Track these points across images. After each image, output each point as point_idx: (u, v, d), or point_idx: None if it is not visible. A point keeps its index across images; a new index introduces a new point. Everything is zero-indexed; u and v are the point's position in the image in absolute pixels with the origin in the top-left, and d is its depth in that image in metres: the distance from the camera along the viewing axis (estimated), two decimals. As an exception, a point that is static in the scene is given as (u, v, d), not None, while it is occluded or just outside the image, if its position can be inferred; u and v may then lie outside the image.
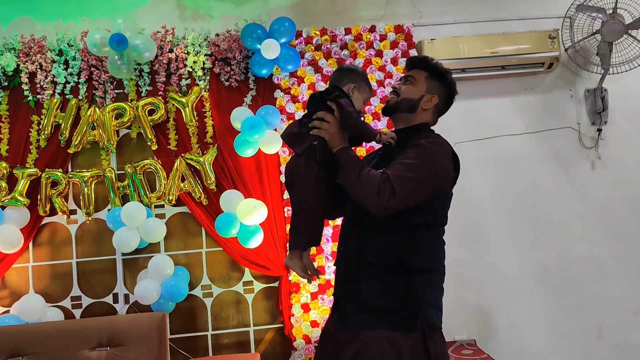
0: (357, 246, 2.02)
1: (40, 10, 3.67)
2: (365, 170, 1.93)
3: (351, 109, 2.01)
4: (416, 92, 2.08)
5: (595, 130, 3.88)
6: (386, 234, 1.96)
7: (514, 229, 3.83)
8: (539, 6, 3.87)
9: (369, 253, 1.98)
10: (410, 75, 2.12)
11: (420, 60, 2.14)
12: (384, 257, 1.95)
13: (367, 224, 2.00)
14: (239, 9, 3.78)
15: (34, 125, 3.53)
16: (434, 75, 2.09)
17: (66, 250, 3.61)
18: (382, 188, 1.86)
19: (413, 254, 1.95)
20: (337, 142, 1.99)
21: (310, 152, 2.01)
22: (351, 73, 2.12)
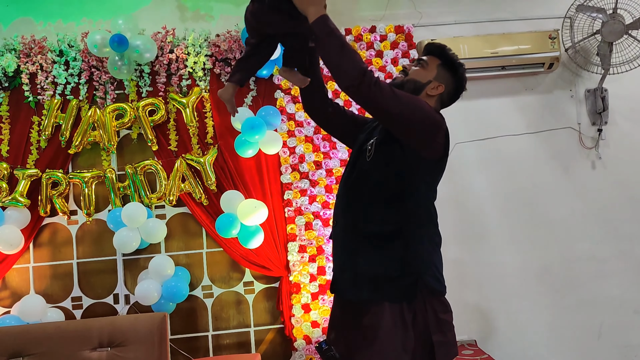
0: (351, 218, 2.02)
1: (40, 11, 3.67)
2: (349, 45, 1.86)
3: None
4: (424, 76, 2.07)
5: (595, 131, 3.88)
6: (379, 204, 1.97)
7: (514, 228, 3.83)
8: (539, 6, 3.88)
9: (363, 224, 1.99)
10: (423, 59, 2.10)
11: (437, 47, 2.11)
12: (379, 227, 1.96)
13: (360, 195, 2.01)
14: (240, 9, 3.75)
15: (34, 126, 3.53)
16: (447, 65, 2.09)
17: (67, 250, 3.61)
18: (369, 72, 1.82)
19: (408, 222, 1.96)
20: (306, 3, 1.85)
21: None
22: None
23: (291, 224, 3.62)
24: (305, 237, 3.61)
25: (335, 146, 3.69)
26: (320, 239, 3.62)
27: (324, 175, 3.67)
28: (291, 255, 3.59)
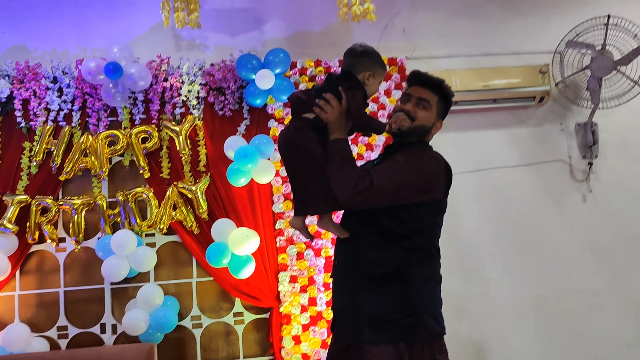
0: (353, 258, 2.02)
1: (36, 38, 3.69)
2: (350, 163, 1.95)
3: (362, 107, 2.02)
4: (430, 119, 2.09)
5: (586, 164, 3.91)
6: (382, 245, 1.97)
7: (507, 260, 3.82)
8: (530, 41, 3.94)
9: (365, 264, 1.98)
10: (425, 100, 2.09)
11: (437, 83, 2.11)
12: (381, 267, 1.96)
13: (362, 235, 2.01)
14: (235, 40, 3.82)
15: (25, 152, 3.51)
16: (443, 100, 2.11)
17: (54, 278, 3.56)
18: (360, 181, 1.88)
19: (409, 264, 1.96)
20: (334, 129, 1.99)
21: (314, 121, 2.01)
22: (365, 58, 2.07)
23: (282, 254, 3.59)
24: (296, 267, 3.58)
25: (327, 176, 3.68)
26: (311, 269, 3.59)
27: (316, 205, 3.66)
28: (282, 285, 3.55)
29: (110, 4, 3.76)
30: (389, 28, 3.86)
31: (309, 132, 2.00)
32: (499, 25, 3.95)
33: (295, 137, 2.02)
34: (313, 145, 1.98)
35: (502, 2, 3.97)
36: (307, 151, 1.99)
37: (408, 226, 1.97)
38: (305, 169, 2.01)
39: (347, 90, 2.00)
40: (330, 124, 1.99)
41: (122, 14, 3.74)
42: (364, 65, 2.05)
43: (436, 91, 2.10)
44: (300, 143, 2.00)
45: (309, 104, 2.03)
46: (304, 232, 2.14)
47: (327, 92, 2.01)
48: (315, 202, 2.01)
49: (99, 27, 3.71)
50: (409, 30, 3.89)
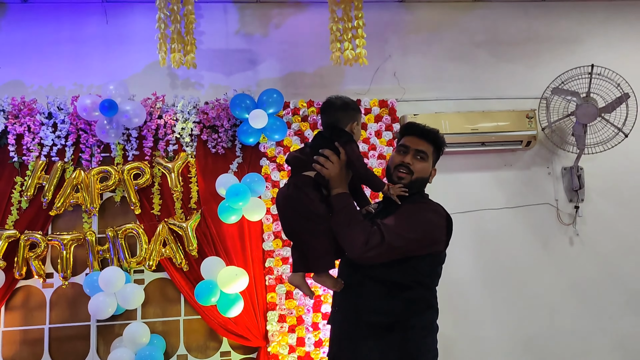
0: (355, 306, 2.02)
1: (32, 74, 3.73)
2: (356, 218, 1.98)
3: (361, 158, 2.08)
4: (427, 170, 2.14)
5: (572, 207, 3.98)
6: (384, 295, 1.98)
7: (495, 302, 3.84)
8: (518, 87, 4.05)
9: (367, 313, 1.99)
10: (423, 152, 2.12)
11: (434, 135, 2.15)
12: (382, 317, 1.96)
13: (362, 283, 2.02)
14: (229, 79, 3.89)
15: (16, 187, 3.51)
16: (437, 149, 2.17)
17: (40, 315, 3.51)
18: (371, 237, 1.92)
19: (410, 314, 1.97)
20: (336, 184, 2.03)
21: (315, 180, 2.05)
22: (348, 110, 2.14)
23: (271, 293, 3.58)
24: (285, 306, 3.57)
25: (318, 215, 3.71)
26: (300, 308, 3.57)
27: (306, 244, 3.67)
28: (270, 324, 3.53)
29: (108, 42, 3.82)
30: (380, 71, 3.96)
31: (310, 190, 2.03)
32: (487, 71, 4.07)
33: (296, 195, 2.05)
34: (315, 203, 2.02)
35: (490, 49, 4.09)
36: (308, 209, 2.02)
37: (410, 277, 1.99)
38: (305, 226, 2.04)
39: (345, 145, 2.06)
40: (331, 179, 2.03)
41: (119, 52, 3.80)
42: (349, 117, 2.13)
43: (432, 142, 2.15)
44: (302, 201, 2.03)
45: (307, 162, 2.08)
46: (305, 288, 2.16)
47: (323, 149, 2.06)
48: (316, 260, 2.04)
49: (96, 64, 3.77)
50: (399, 74, 3.99)
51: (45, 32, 3.78)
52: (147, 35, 3.52)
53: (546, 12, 4.15)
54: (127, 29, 3.84)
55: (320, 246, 2.01)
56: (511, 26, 4.13)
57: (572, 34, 4.15)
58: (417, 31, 4.07)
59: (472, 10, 4.11)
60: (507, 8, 4.13)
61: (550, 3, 4.16)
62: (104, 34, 3.82)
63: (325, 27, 3.34)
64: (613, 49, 4.11)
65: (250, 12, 3.97)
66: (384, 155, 3.79)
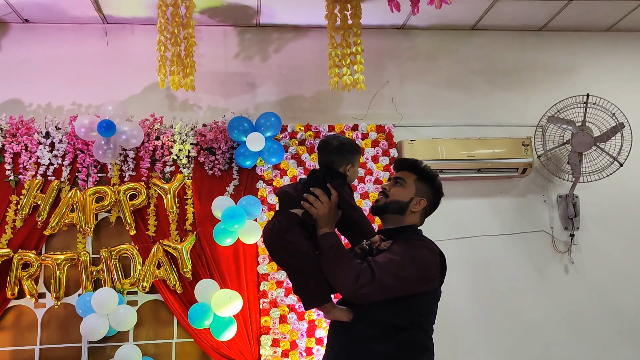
0: (347, 347, 2.00)
1: (31, 93, 3.74)
2: (346, 256, 1.97)
3: (352, 201, 2.08)
4: (405, 195, 2.12)
5: (568, 235, 3.98)
6: (379, 337, 1.95)
7: (490, 329, 3.82)
8: (514, 115, 4.09)
9: (358, 355, 1.96)
10: (401, 178, 2.15)
11: (410, 163, 2.19)
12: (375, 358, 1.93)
13: (356, 325, 2.00)
14: (227, 102, 3.91)
15: (11, 205, 3.50)
16: (423, 178, 2.15)
17: (30, 335, 3.48)
18: (362, 275, 1.90)
19: (403, 357, 1.94)
20: (323, 224, 2.03)
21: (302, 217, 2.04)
22: (343, 152, 2.15)
23: (265, 316, 3.56)
24: (279, 330, 3.54)
25: (313, 239, 3.70)
26: (294, 333, 3.55)
27: (301, 268, 3.66)
28: (264, 349, 3.50)
29: (107, 63, 3.84)
30: (377, 97, 3.99)
31: (295, 228, 2.04)
32: (484, 98, 4.10)
33: (281, 233, 2.05)
34: (299, 241, 2.02)
35: (486, 77, 4.14)
36: (293, 247, 2.02)
37: (404, 318, 1.97)
38: (291, 264, 2.05)
39: (337, 187, 2.07)
40: (319, 219, 2.03)
41: (119, 73, 3.82)
42: (344, 159, 2.15)
43: (412, 170, 2.17)
44: (286, 238, 2.03)
45: (297, 199, 2.08)
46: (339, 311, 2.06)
47: (314, 188, 2.07)
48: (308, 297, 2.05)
49: (95, 84, 3.79)
50: (397, 100, 4.02)
51: (45, 52, 3.81)
52: (147, 57, 3.54)
53: (542, 42, 4.20)
54: (127, 50, 3.87)
55: (309, 283, 2.01)
56: (507, 55, 4.18)
57: (568, 64, 4.20)
58: (415, 58, 4.11)
59: (469, 38, 4.16)
60: (504, 37, 4.18)
61: (546, 33, 4.21)
62: (104, 55, 3.85)
63: (324, 53, 3.38)
64: (608, 79, 4.16)
65: (250, 36, 4.01)
66: (381, 180, 3.80)
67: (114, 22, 3.88)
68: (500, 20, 4.05)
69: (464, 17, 3.99)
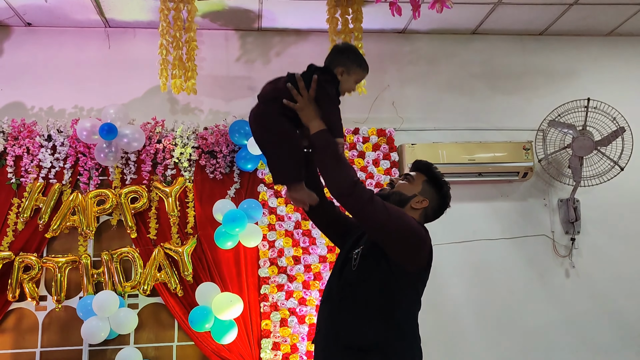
0: (332, 327, 2.01)
1: (33, 96, 3.75)
2: (344, 157, 1.98)
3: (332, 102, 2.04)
4: (410, 190, 2.14)
5: (569, 239, 3.98)
6: (363, 316, 1.96)
7: (488, 333, 3.82)
8: (515, 119, 4.09)
9: (345, 334, 1.97)
10: (410, 174, 2.19)
11: (423, 165, 2.21)
12: (360, 339, 1.94)
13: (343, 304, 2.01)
14: (228, 105, 3.92)
15: (13, 208, 3.50)
16: (432, 182, 2.17)
17: (31, 338, 3.48)
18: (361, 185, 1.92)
19: (389, 338, 1.95)
20: (309, 118, 2.00)
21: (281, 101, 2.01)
22: (342, 55, 2.11)
23: (266, 320, 3.56)
24: (279, 334, 3.54)
25: (314, 242, 3.71)
26: (295, 336, 3.55)
27: (302, 271, 3.67)
28: (264, 352, 3.50)
29: (109, 67, 3.85)
30: (378, 100, 4.00)
31: (276, 107, 2.00)
32: (484, 103, 4.11)
33: (262, 110, 2.04)
34: (279, 119, 2.00)
35: (487, 81, 4.14)
36: (272, 123, 2.00)
37: (391, 298, 1.97)
38: (270, 140, 2.03)
39: (321, 83, 2.02)
40: (301, 114, 2.00)
41: (120, 77, 3.83)
42: (340, 62, 2.10)
43: (424, 172, 2.19)
44: (266, 115, 2.01)
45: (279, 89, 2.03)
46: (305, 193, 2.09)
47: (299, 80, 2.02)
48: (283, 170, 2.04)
49: (97, 88, 3.80)
50: (398, 103, 4.02)
51: (47, 56, 3.82)
52: (149, 61, 3.55)
53: (543, 46, 4.21)
54: (128, 54, 3.88)
55: (284, 156, 2.00)
56: (508, 59, 4.18)
57: (568, 68, 4.20)
58: (416, 62, 4.12)
59: (470, 43, 4.17)
60: (505, 41, 4.19)
61: (547, 37, 4.22)
62: (105, 59, 3.86)
63: (325, 56, 3.38)
64: (608, 84, 4.17)
65: (252, 40, 4.02)
66: (381, 184, 3.81)
67: (116, 26, 3.89)
68: (501, 25, 4.06)
69: (464, 21, 4.00)
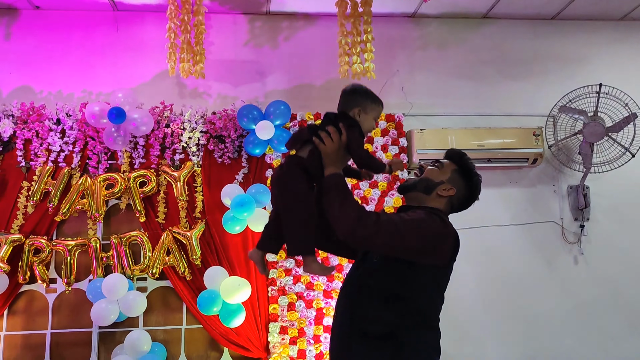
0: (350, 312, 2.01)
1: (42, 80, 3.76)
2: (351, 196, 1.96)
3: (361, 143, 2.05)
4: (437, 176, 2.10)
5: (577, 226, 3.96)
6: (380, 304, 1.95)
7: (497, 320, 3.82)
8: (524, 104, 4.06)
9: (360, 321, 1.97)
10: (440, 161, 2.15)
11: (456, 153, 2.17)
12: (375, 326, 1.94)
13: (362, 292, 2.01)
14: (237, 90, 3.90)
15: (23, 191, 3.53)
16: (462, 172, 2.13)
17: (42, 320, 3.52)
18: (365, 215, 1.89)
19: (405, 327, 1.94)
20: (330, 163, 2.00)
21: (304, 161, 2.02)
22: (354, 95, 2.10)
23: (274, 304, 3.58)
24: (287, 318, 3.56)
25: (322, 227, 3.71)
26: (302, 320, 3.57)
27: (309, 256, 3.67)
28: (272, 336, 3.52)
29: (117, 50, 3.85)
30: (387, 86, 3.97)
31: (296, 168, 2.02)
32: (494, 88, 4.07)
33: (284, 172, 2.04)
34: (300, 182, 2.00)
35: (497, 67, 4.10)
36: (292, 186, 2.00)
37: (409, 289, 1.96)
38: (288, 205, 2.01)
39: (348, 128, 2.03)
40: (326, 157, 2.01)
41: (128, 61, 3.83)
42: (354, 102, 2.09)
43: (454, 160, 2.15)
44: (287, 178, 2.02)
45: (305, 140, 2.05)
46: (260, 266, 2.14)
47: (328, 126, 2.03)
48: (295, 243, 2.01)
49: (105, 72, 3.80)
50: (407, 89, 4.00)
51: (55, 39, 3.82)
52: (157, 45, 3.55)
53: (554, 31, 4.16)
54: (137, 37, 3.87)
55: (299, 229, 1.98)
56: (519, 44, 4.13)
57: (580, 53, 4.15)
58: (425, 47, 4.09)
59: (480, 27, 4.12)
60: (515, 26, 4.14)
61: (559, 22, 4.17)
62: (114, 42, 3.86)
63: (334, 41, 3.35)
64: (621, 69, 4.11)
65: (260, 24, 4.00)
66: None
67: (125, 9, 3.88)
68: (513, 9, 4.01)
69: (475, 5, 3.96)
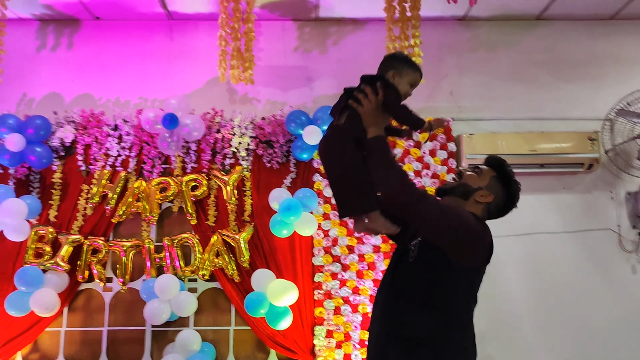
0: (386, 318, 2.02)
1: (101, 88, 3.93)
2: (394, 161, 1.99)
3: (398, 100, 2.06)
4: (476, 182, 2.10)
5: (636, 234, 3.80)
6: (416, 308, 1.95)
7: (547, 330, 3.71)
8: (579, 108, 3.93)
9: (397, 325, 1.97)
10: (480, 167, 2.15)
11: (496, 160, 2.17)
12: (412, 331, 1.94)
13: (397, 296, 2.01)
14: (285, 95, 3.96)
15: (83, 194, 3.70)
16: (501, 179, 2.11)
17: (99, 317, 3.68)
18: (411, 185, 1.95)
19: (442, 332, 1.93)
20: (371, 122, 2.02)
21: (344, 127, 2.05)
22: (392, 60, 2.14)
23: (320, 307, 3.61)
24: (333, 321, 3.58)
25: (369, 232, 3.71)
26: (348, 324, 3.58)
27: (356, 260, 3.68)
28: (318, 339, 3.55)
29: (171, 58, 3.98)
30: (436, 90, 3.93)
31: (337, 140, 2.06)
32: (547, 91, 3.96)
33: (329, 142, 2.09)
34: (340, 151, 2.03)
35: (550, 69, 3.99)
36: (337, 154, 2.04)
37: (445, 292, 1.96)
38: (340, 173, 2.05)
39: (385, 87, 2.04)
40: (366, 117, 2.02)
41: (181, 69, 3.95)
42: (390, 66, 2.11)
43: (494, 167, 2.14)
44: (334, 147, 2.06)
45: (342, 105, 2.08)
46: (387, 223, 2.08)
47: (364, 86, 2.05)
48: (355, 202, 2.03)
49: (160, 79, 3.93)
50: (456, 92, 3.95)
51: (114, 48, 3.98)
52: (209, 52, 3.64)
53: (612, 31, 4.01)
54: (190, 45, 3.99)
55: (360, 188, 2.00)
56: (573, 45, 4.01)
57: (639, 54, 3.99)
58: (474, 50, 4.02)
59: (532, 29, 4.02)
60: (570, 27, 4.02)
61: (617, 22, 4.01)
62: (168, 50, 3.99)
63: (382, 45, 3.35)
64: (684, 70, 3.93)
65: (309, 30, 4.04)
66: (438, 175, 3.76)
67: (179, 18, 4.01)
68: (568, 10, 3.89)
69: (528, 6, 3.87)
